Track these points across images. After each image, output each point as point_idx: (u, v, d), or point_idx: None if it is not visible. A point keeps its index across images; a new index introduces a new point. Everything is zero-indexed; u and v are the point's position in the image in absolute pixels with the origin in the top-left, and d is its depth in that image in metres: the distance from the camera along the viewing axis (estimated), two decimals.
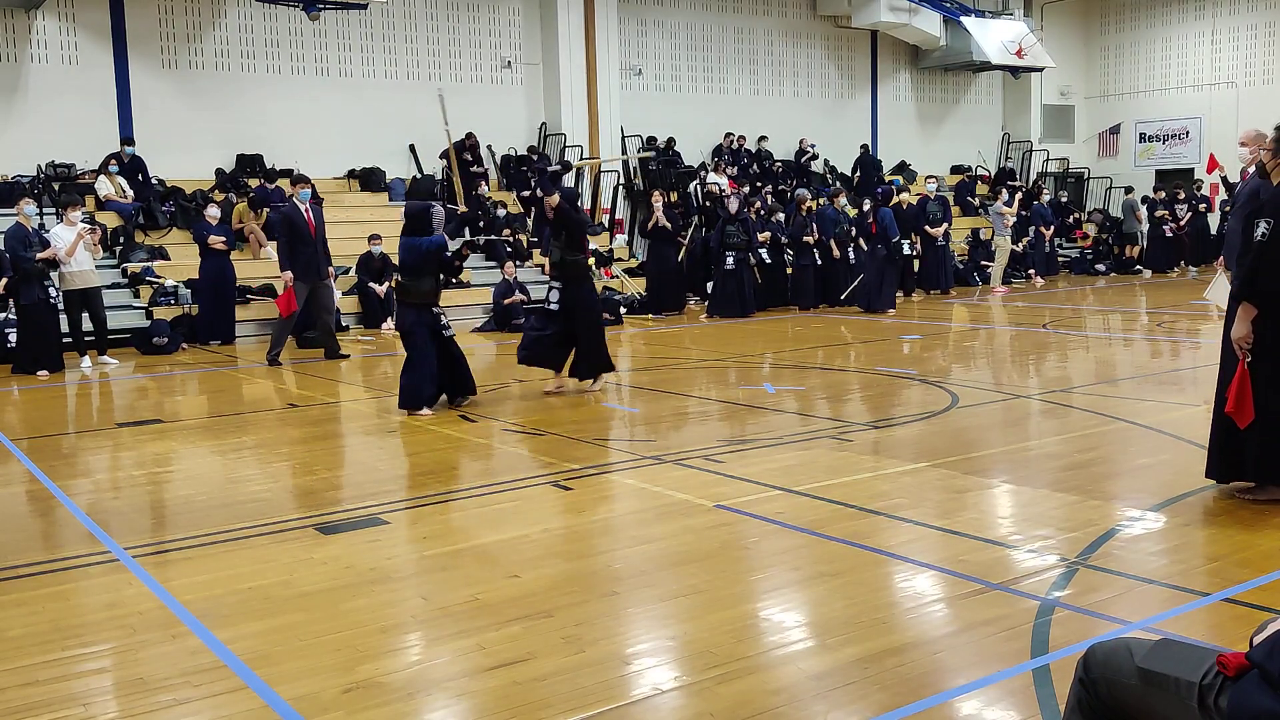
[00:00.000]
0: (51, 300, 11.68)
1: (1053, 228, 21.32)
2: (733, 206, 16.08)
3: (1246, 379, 5.08)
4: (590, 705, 3.31)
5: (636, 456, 6.82)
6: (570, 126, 19.53)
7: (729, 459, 6.62)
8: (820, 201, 18.33)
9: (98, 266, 12.62)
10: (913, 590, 4.29)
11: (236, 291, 14.41)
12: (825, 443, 7.04)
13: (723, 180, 19.31)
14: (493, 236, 17.55)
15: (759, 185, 19.96)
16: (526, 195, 18.24)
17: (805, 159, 22.24)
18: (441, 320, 8.54)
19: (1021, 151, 25.99)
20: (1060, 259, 22.19)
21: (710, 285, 16.61)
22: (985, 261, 20.03)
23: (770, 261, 16.78)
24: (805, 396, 9.08)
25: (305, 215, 11.86)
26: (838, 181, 21.61)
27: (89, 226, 12.33)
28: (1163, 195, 21.56)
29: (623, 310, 15.89)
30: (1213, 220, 21.65)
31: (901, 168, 23.93)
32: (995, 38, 23.16)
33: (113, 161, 15.78)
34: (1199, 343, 11.65)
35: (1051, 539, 4.83)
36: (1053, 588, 4.21)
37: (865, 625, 3.88)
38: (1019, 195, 20.89)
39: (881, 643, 3.72)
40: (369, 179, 18.04)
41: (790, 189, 19.69)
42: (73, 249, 11.60)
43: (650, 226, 16.59)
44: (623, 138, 20.33)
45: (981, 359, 11.17)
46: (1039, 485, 5.80)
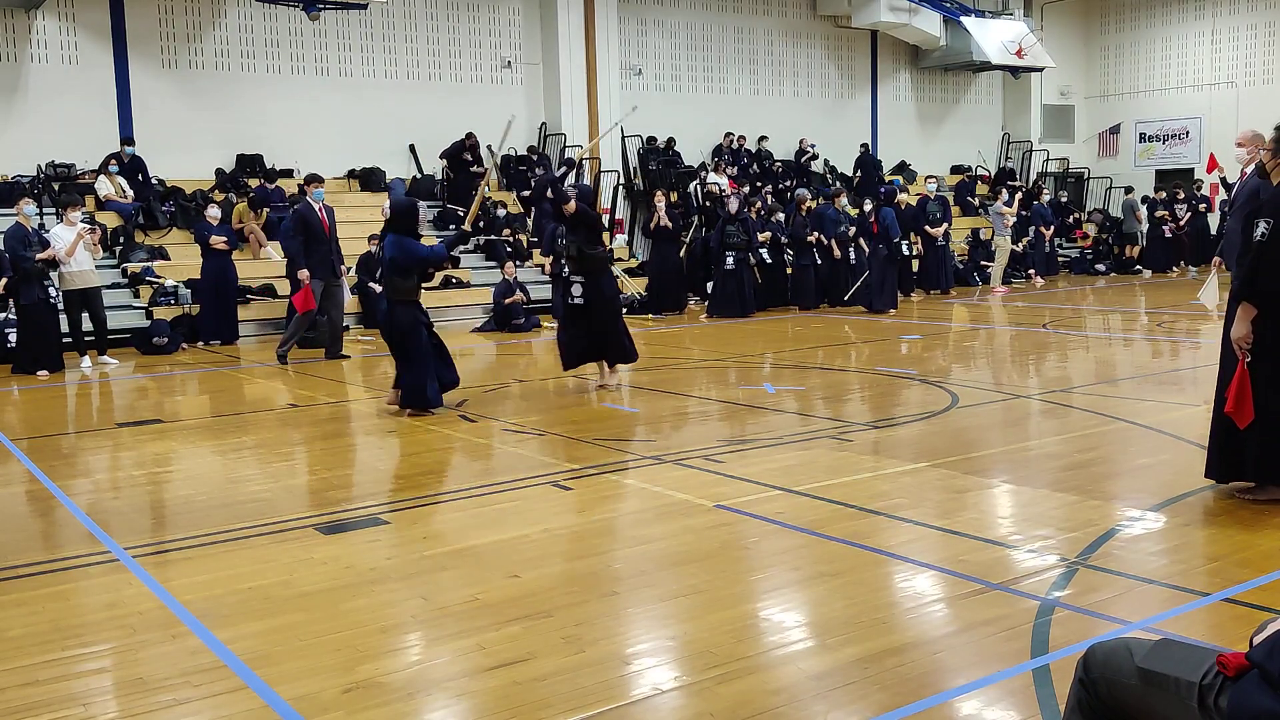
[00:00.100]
0: (51, 300, 11.69)
1: (1053, 228, 21.32)
2: (733, 206, 16.08)
3: (1246, 379, 5.08)
4: (590, 705, 3.31)
5: (636, 456, 6.82)
6: (570, 126, 19.53)
7: (729, 459, 6.62)
8: (819, 202, 18.32)
9: (98, 266, 12.63)
10: (913, 590, 4.29)
11: (237, 291, 14.42)
12: (825, 443, 7.04)
13: (723, 180, 19.31)
14: (493, 236, 17.55)
15: (759, 185, 19.96)
16: (526, 195, 18.23)
17: (805, 159, 22.24)
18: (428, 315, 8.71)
19: (1021, 151, 26.00)
20: (1060, 259, 22.20)
21: (710, 285, 16.61)
22: (985, 261, 20.04)
23: (770, 261, 16.78)
24: (805, 396, 9.08)
25: (319, 214, 12.08)
26: (838, 181, 21.61)
27: (89, 226, 12.34)
28: (1163, 195, 21.57)
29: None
30: (1212, 220, 21.65)
31: (901, 168, 23.93)
32: (995, 38, 23.16)
33: (113, 161, 15.78)
34: (1199, 343, 11.65)
35: (1051, 539, 4.83)
36: (1053, 588, 4.21)
37: (865, 625, 3.88)
38: (1019, 195, 20.89)
39: (881, 643, 3.72)
40: (369, 179, 18.04)
41: (790, 189, 19.69)
42: (72, 249, 11.61)
43: (653, 226, 16.60)
44: (623, 137, 20.32)
45: (981, 359, 11.17)
46: (1039, 485, 5.80)
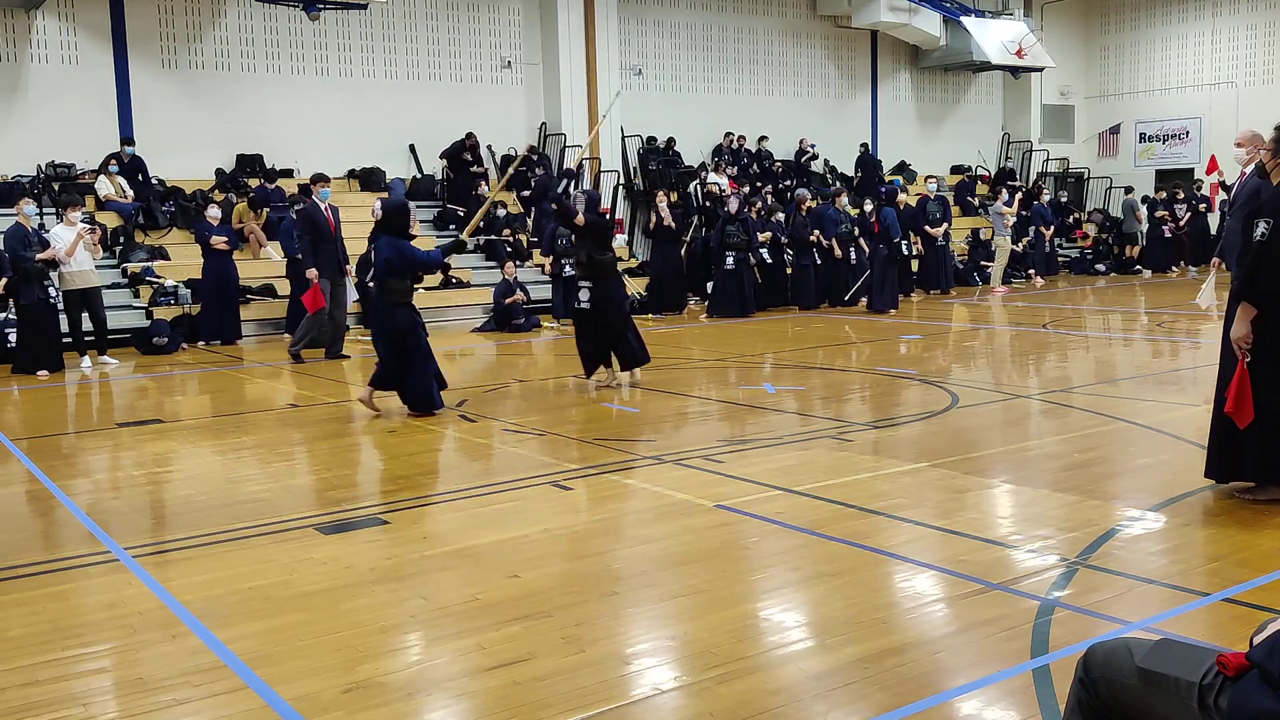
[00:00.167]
0: (51, 300, 11.69)
1: (1053, 228, 21.32)
2: (733, 206, 16.08)
3: (1246, 379, 5.08)
4: (590, 705, 3.31)
5: (636, 456, 6.82)
6: (570, 126, 19.53)
7: (729, 459, 6.62)
8: (817, 202, 18.31)
9: (98, 266, 12.63)
10: (913, 590, 4.29)
11: (239, 291, 14.42)
12: (825, 443, 7.04)
13: (723, 180, 19.31)
14: (493, 236, 17.55)
15: (759, 185, 19.96)
16: (526, 195, 18.25)
17: (805, 159, 22.24)
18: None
19: (1021, 151, 25.99)
20: (1060, 259, 22.20)
21: (710, 285, 16.61)
22: (985, 261, 20.04)
23: (770, 261, 16.78)
24: (805, 396, 9.08)
25: (325, 213, 12.21)
26: (838, 181, 21.61)
27: (89, 226, 12.33)
28: (1163, 195, 21.56)
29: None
30: (1212, 220, 21.65)
31: (901, 168, 23.93)
32: (995, 38, 23.16)
33: (113, 161, 15.78)
34: (1199, 343, 11.65)
35: (1051, 539, 4.83)
36: (1053, 588, 4.21)
37: (865, 625, 3.88)
38: (1019, 195, 20.89)
39: (881, 643, 3.72)
40: (369, 179, 18.03)
41: (790, 189, 19.69)
42: (72, 249, 11.61)
43: (655, 226, 16.59)
44: (623, 138, 20.33)
45: (981, 359, 11.17)
46: (1039, 485, 5.80)
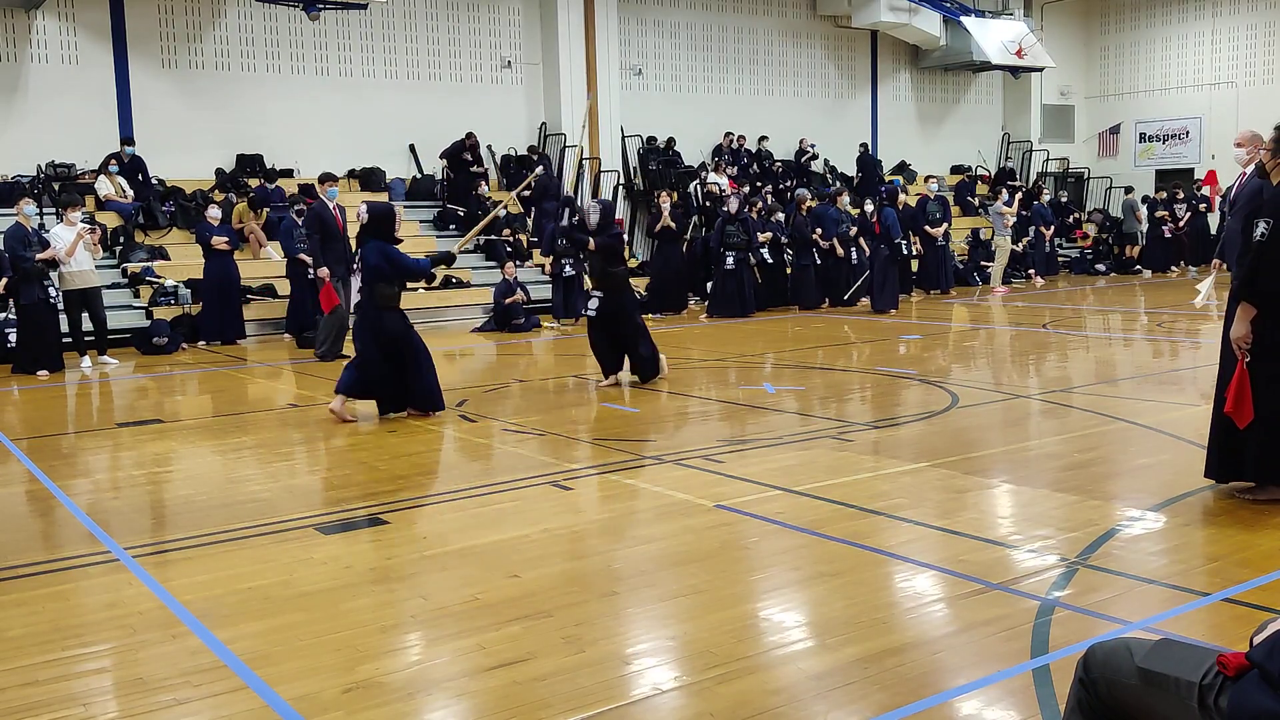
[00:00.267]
0: (51, 300, 11.69)
1: (1053, 228, 21.32)
2: (733, 206, 16.08)
3: (1245, 379, 5.08)
4: (590, 705, 3.31)
5: (636, 456, 6.82)
6: (570, 126, 19.52)
7: (729, 459, 6.62)
8: (816, 202, 18.30)
9: (98, 266, 12.62)
10: (913, 590, 4.29)
11: (240, 291, 14.41)
12: (825, 443, 7.04)
13: (723, 180, 19.31)
14: (493, 236, 17.55)
15: (759, 185, 19.96)
16: (526, 195, 18.25)
17: (805, 159, 22.24)
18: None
19: (1021, 151, 26.00)
20: (1060, 259, 22.20)
21: (710, 285, 16.61)
22: (985, 261, 20.03)
23: (770, 261, 16.78)
24: (805, 396, 9.08)
25: (334, 212, 12.29)
26: (838, 181, 21.62)
27: (89, 226, 12.34)
28: (1163, 195, 21.56)
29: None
30: (1212, 220, 21.64)
31: (901, 168, 23.94)
32: (995, 38, 23.15)
33: (113, 161, 15.78)
34: (1199, 343, 11.65)
35: (1051, 539, 4.83)
36: (1053, 588, 4.21)
37: (865, 625, 3.88)
38: (1019, 195, 20.89)
39: (881, 643, 3.72)
40: (369, 179, 18.04)
41: (790, 189, 19.69)
42: (72, 249, 11.61)
43: (658, 228, 16.59)
44: (623, 137, 20.34)
45: (981, 359, 11.17)
46: (1039, 485, 5.80)
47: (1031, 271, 20.04)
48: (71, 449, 7.74)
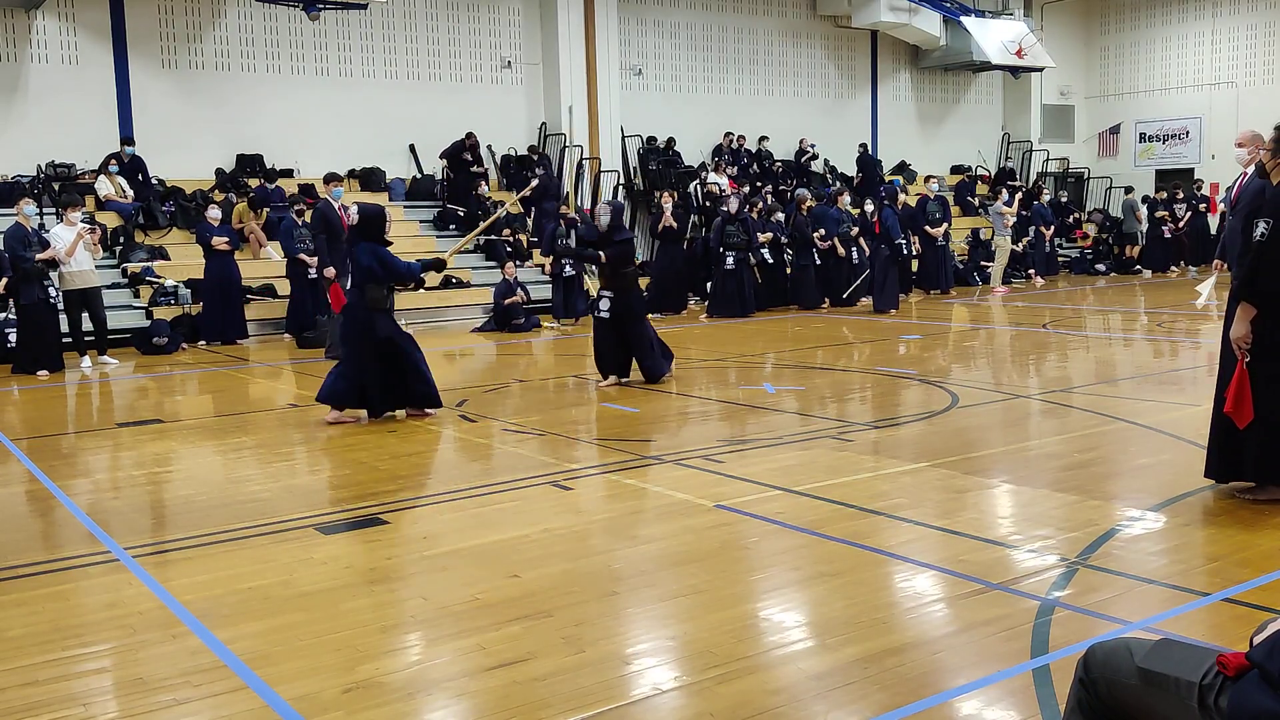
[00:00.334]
0: (51, 300, 11.69)
1: (1053, 228, 21.31)
2: (732, 206, 16.08)
3: (1245, 379, 5.08)
4: (590, 705, 3.31)
5: (636, 456, 6.82)
6: (570, 127, 19.53)
7: (729, 459, 6.62)
8: (813, 203, 18.29)
9: (98, 266, 12.63)
10: (913, 590, 4.29)
11: (242, 291, 14.41)
12: (825, 443, 7.04)
13: (723, 180, 19.31)
14: (493, 237, 17.54)
15: (759, 185, 19.96)
16: (526, 196, 18.23)
17: (805, 159, 22.24)
18: None
19: (1021, 151, 25.99)
20: (1060, 259, 22.19)
21: (710, 285, 16.60)
22: (985, 261, 20.03)
23: (771, 261, 16.78)
24: (805, 396, 9.08)
25: (339, 212, 12.36)
26: (839, 181, 21.61)
27: (89, 226, 12.34)
28: (1163, 195, 21.56)
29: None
30: (1212, 221, 21.65)
31: (901, 168, 23.93)
32: (995, 38, 23.15)
33: (113, 161, 15.78)
34: (1199, 343, 11.65)
35: (1051, 539, 4.83)
36: (1053, 588, 4.20)
37: (865, 625, 3.88)
38: (1019, 195, 20.89)
39: (881, 643, 3.72)
40: (369, 179, 18.04)
41: (790, 189, 19.68)
42: (72, 249, 11.61)
43: (660, 227, 16.58)
44: (623, 137, 20.34)
45: (981, 359, 11.17)
46: (1039, 485, 5.80)
47: (1031, 271, 20.04)
48: (71, 449, 7.74)
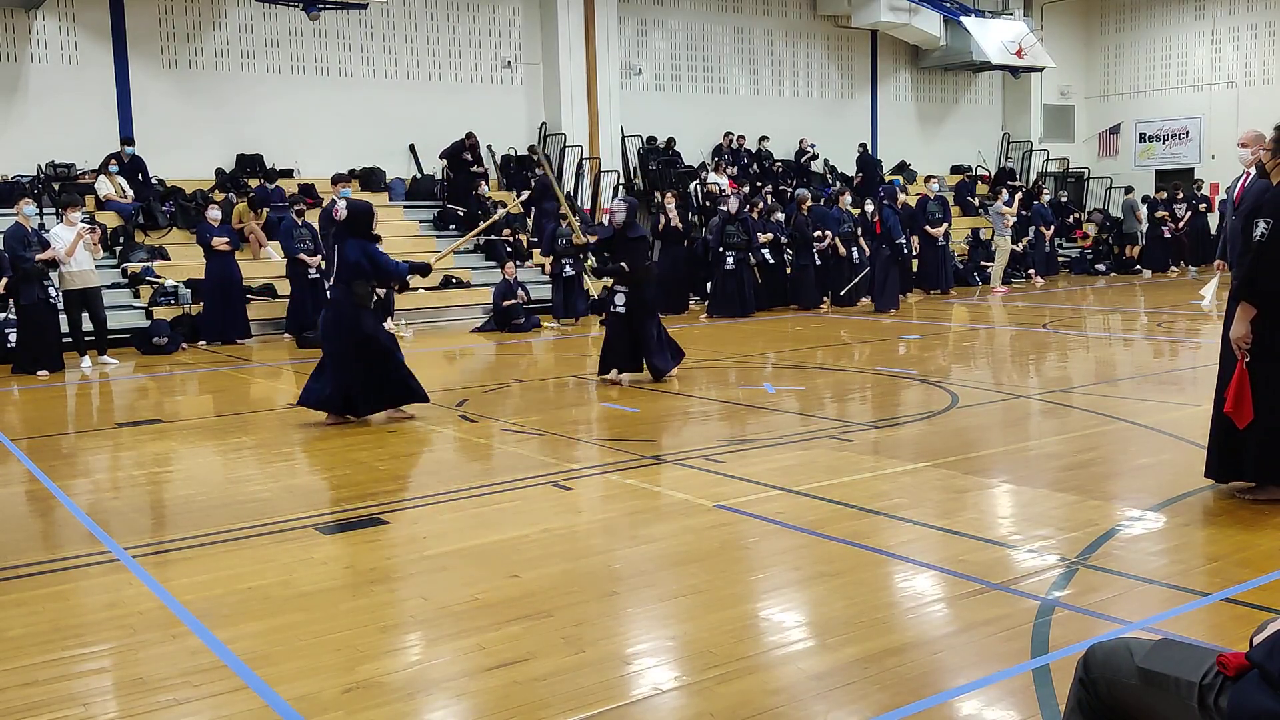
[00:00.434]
0: (51, 300, 11.69)
1: (1053, 228, 21.31)
2: (732, 206, 16.08)
3: (1245, 379, 5.08)
4: (590, 705, 3.31)
5: (636, 456, 6.82)
6: (570, 126, 19.53)
7: (729, 459, 6.62)
8: (812, 203, 18.28)
9: (98, 266, 12.63)
10: (913, 590, 4.29)
11: (243, 290, 14.41)
12: (825, 443, 7.04)
13: (723, 180, 19.30)
14: (493, 237, 17.54)
15: (759, 185, 19.96)
16: (525, 197, 18.25)
17: (805, 159, 22.24)
18: None
19: (1021, 151, 25.99)
20: (1060, 259, 22.19)
21: (710, 285, 16.60)
22: (985, 261, 20.03)
23: (771, 261, 16.78)
24: (805, 396, 9.08)
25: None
26: (839, 181, 21.62)
27: (88, 226, 12.34)
28: (1163, 195, 21.56)
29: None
30: (1212, 220, 21.64)
31: (901, 168, 23.93)
32: (995, 38, 23.15)
33: (113, 161, 15.77)
34: (1199, 343, 11.65)
35: (1051, 539, 4.83)
36: (1053, 588, 4.20)
37: (865, 625, 3.88)
38: (1019, 195, 20.89)
39: (881, 643, 3.72)
40: (369, 179, 18.04)
41: (790, 189, 19.68)
42: (72, 249, 11.61)
43: (663, 228, 16.58)
44: (623, 137, 20.33)
45: (981, 359, 11.17)
46: (1039, 485, 5.80)
47: (1031, 271, 20.04)
48: (71, 449, 7.74)
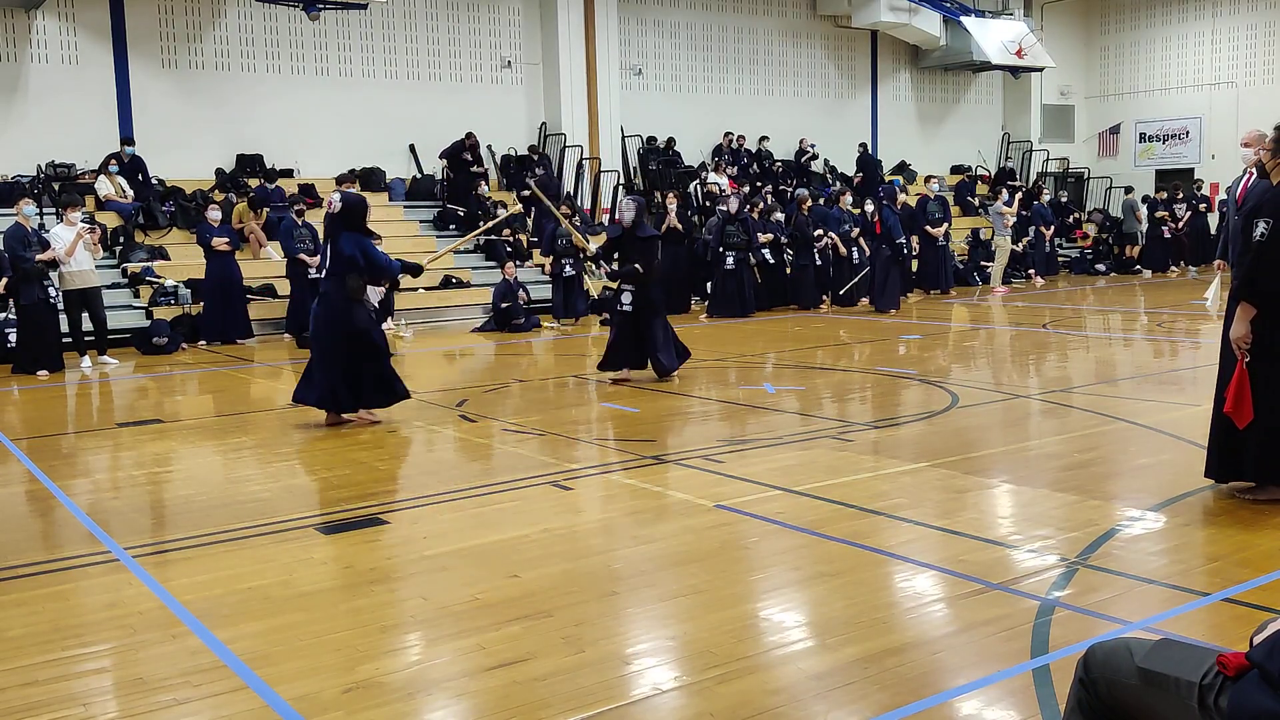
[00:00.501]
0: (51, 300, 11.69)
1: (1053, 228, 21.31)
2: (732, 206, 16.08)
3: (1245, 379, 5.08)
4: (590, 705, 3.31)
5: (636, 456, 6.82)
6: (570, 126, 19.53)
7: (729, 459, 6.62)
8: (819, 201, 18.29)
9: (98, 266, 12.63)
10: (913, 590, 4.29)
11: (243, 291, 14.40)
12: (825, 443, 7.04)
13: (723, 180, 19.30)
14: (493, 237, 17.54)
15: (759, 185, 19.95)
16: (525, 196, 18.25)
17: (805, 159, 22.24)
18: None
19: (1021, 151, 25.99)
20: (1060, 259, 22.19)
21: (710, 285, 16.60)
22: (985, 261, 20.03)
23: (771, 261, 16.77)
24: (805, 396, 9.08)
25: None
26: (839, 181, 21.62)
27: (88, 226, 12.34)
28: (1163, 195, 21.56)
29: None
30: (1212, 220, 21.64)
31: (901, 168, 23.93)
32: (995, 38, 23.15)
33: (113, 161, 15.77)
34: (1199, 343, 11.65)
35: (1051, 539, 4.83)
36: (1053, 588, 4.20)
37: (865, 625, 3.88)
38: (1019, 195, 20.88)
39: (881, 643, 3.72)
40: (369, 179, 18.03)
41: (790, 189, 19.67)
42: (72, 249, 11.61)
43: (665, 228, 16.56)
44: (623, 137, 20.33)
45: (981, 359, 11.17)
46: (1039, 485, 5.80)
47: (1031, 271, 20.03)
48: (71, 449, 7.74)
